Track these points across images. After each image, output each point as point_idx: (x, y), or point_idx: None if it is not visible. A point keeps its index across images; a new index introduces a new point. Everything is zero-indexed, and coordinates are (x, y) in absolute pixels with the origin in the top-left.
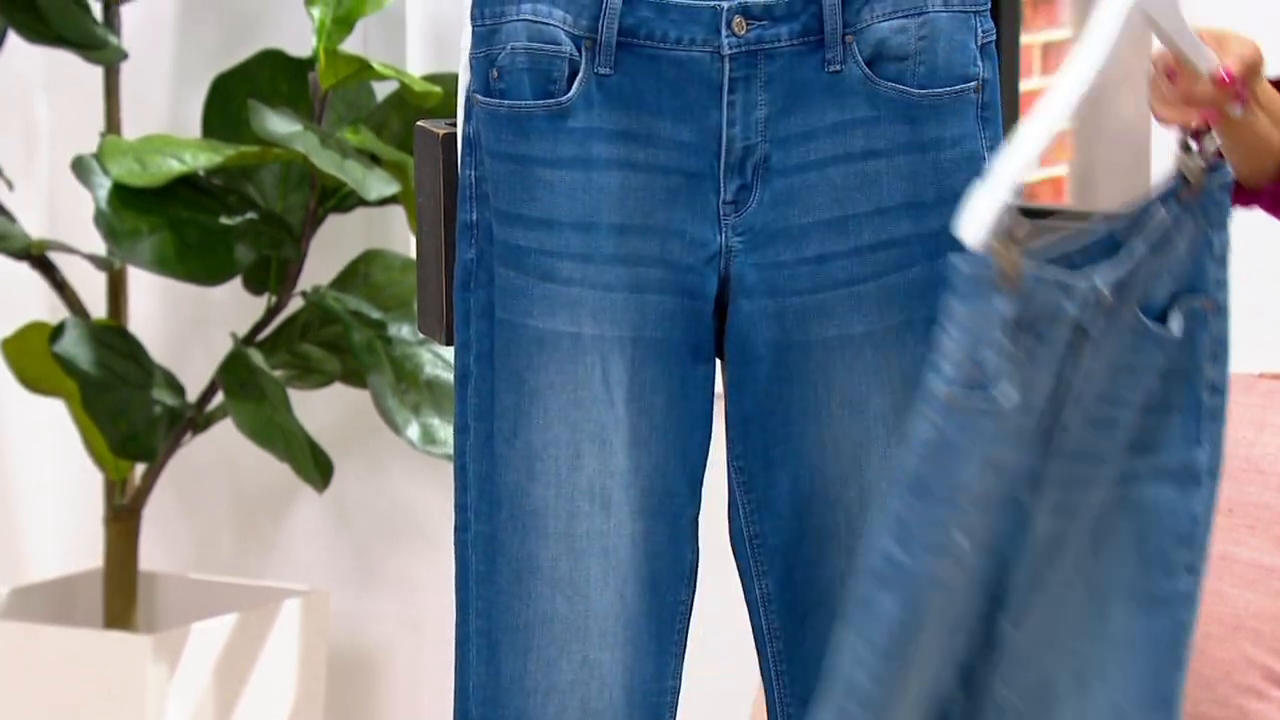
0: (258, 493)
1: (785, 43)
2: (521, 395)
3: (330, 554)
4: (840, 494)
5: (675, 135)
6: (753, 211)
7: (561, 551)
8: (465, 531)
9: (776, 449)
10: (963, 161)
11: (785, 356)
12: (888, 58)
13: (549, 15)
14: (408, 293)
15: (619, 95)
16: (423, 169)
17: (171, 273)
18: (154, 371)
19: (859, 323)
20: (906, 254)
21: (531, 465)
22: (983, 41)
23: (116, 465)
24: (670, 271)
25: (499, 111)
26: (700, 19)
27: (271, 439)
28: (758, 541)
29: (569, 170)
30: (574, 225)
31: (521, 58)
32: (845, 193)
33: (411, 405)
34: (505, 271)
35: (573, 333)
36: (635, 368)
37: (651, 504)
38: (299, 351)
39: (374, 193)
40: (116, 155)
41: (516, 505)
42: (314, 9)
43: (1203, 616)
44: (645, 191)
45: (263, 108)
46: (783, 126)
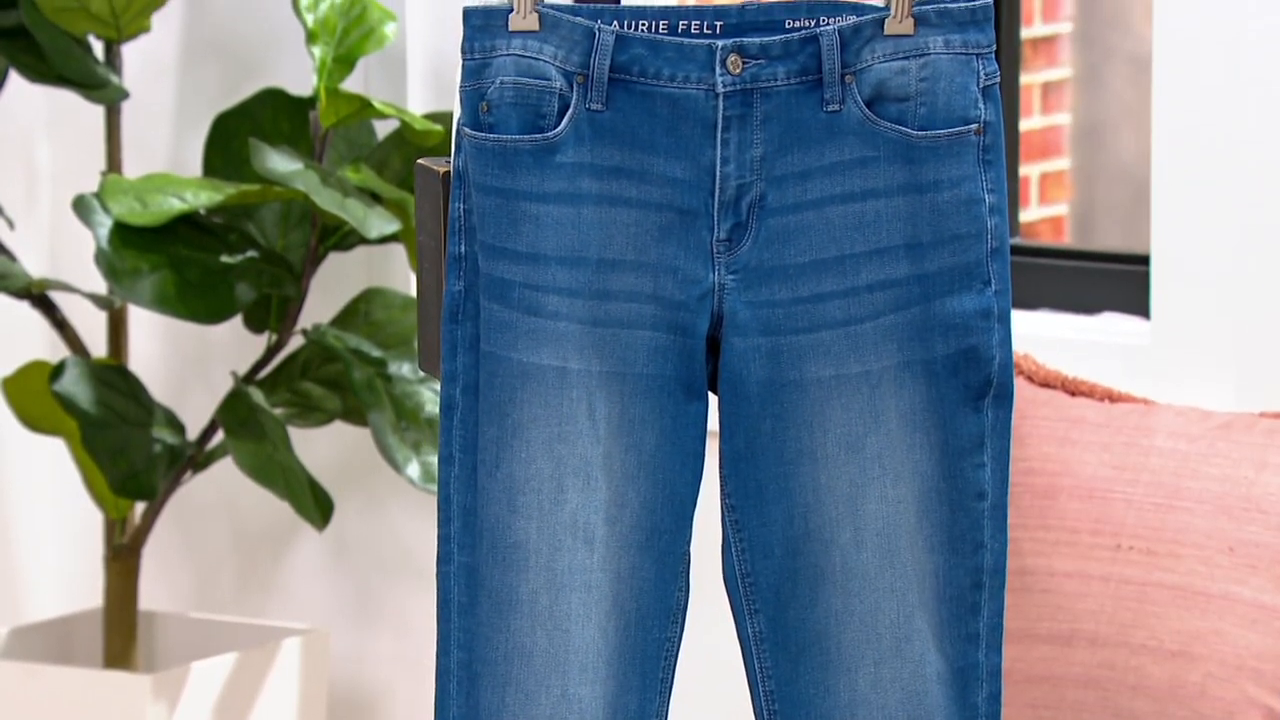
0: (258, 531)
1: (782, 82)
2: (504, 429)
3: (331, 593)
4: (835, 535)
5: (668, 172)
6: (747, 250)
7: (542, 585)
8: (447, 563)
9: (770, 488)
10: (961, 204)
11: (779, 395)
12: (888, 98)
13: (539, 51)
14: (408, 331)
15: (611, 131)
16: (423, 207)
17: (172, 311)
18: (154, 410)
19: (855, 363)
20: (904, 295)
21: (513, 498)
22: (985, 84)
23: (116, 504)
24: (661, 308)
25: (486, 145)
26: (694, 57)
27: (272, 477)
28: (750, 580)
29: (556, 205)
30: (560, 260)
31: (510, 92)
32: (843, 232)
33: (412, 443)
34: (490, 305)
35: (558, 367)
36: (624, 403)
37: (638, 539)
38: (299, 390)
39: (375, 231)
40: (117, 194)
41: (497, 538)
42: (315, 48)
43: (1204, 656)
44: (637, 228)
45: (264, 146)
46: (779, 165)
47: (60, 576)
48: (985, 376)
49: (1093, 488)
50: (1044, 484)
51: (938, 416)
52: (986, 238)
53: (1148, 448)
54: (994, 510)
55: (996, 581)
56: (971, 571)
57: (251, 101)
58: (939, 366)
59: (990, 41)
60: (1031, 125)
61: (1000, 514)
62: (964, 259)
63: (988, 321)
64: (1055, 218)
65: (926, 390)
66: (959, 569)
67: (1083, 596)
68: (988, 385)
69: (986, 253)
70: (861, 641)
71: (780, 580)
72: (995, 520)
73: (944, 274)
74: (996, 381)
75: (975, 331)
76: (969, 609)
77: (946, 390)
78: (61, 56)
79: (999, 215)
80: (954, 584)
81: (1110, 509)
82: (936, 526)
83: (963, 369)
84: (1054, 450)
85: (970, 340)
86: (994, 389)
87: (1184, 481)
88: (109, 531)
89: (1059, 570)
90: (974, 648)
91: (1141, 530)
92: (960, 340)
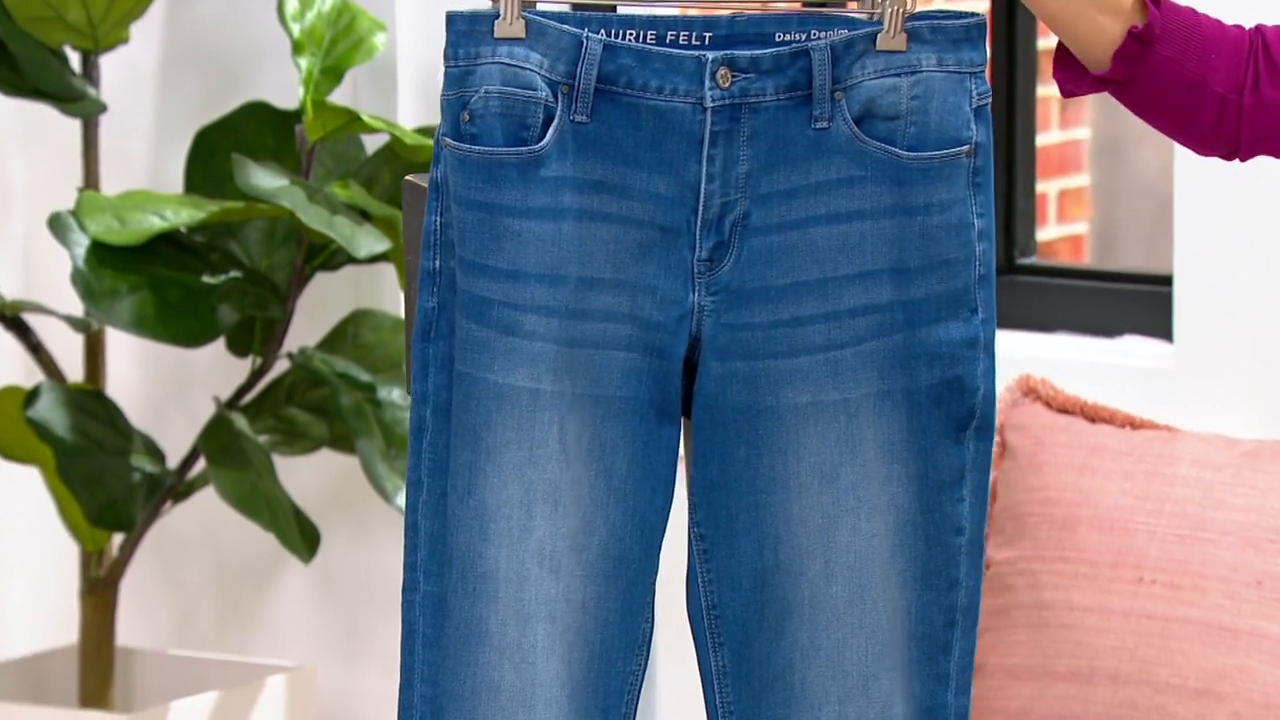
0: (241, 564)
1: (771, 97)
2: (477, 453)
3: (317, 628)
4: (805, 566)
5: (651, 187)
6: (728, 270)
7: (510, 616)
8: (413, 592)
9: (741, 518)
10: (951, 228)
11: (755, 422)
12: (877, 116)
13: (525, 59)
14: (398, 354)
15: (594, 144)
16: (412, 225)
17: (152, 334)
18: (133, 437)
19: (834, 390)
20: (888, 320)
21: (485, 526)
22: (977, 104)
23: (93, 535)
24: (638, 328)
25: (469, 157)
26: (683, 69)
27: (255, 508)
28: (715, 613)
29: (539, 221)
30: (540, 278)
31: (495, 102)
32: (827, 254)
33: (401, 472)
34: (467, 323)
35: (531, 389)
36: (596, 426)
37: (605, 568)
38: (284, 416)
39: (363, 250)
40: (95, 212)
41: (468, 567)
42: (301, 59)
43: (1230, 695)
44: (616, 245)
45: (247, 162)
46: (765, 183)
47: (34, 612)
48: (969, 408)
49: (1113, 518)
50: (1063, 514)
51: (918, 448)
52: (975, 264)
53: (1171, 476)
54: (971, 546)
55: (969, 620)
56: (945, 609)
57: (235, 115)
58: (922, 396)
59: (983, 60)
60: (1049, 140)
61: (977, 550)
62: (952, 285)
63: (974, 351)
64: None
65: (907, 421)
66: (932, 606)
67: (1103, 632)
68: (970, 417)
69: (974, 279)
70: (827, 678)
71: (747, 613)
72: (971, 557)
73: (931, 300)
74: (979, 413)
75: (961, 361)
76: (940, 648)
77: (928, 421)
78: (36, 68)
79: (987, 240)
80: (926, 621)
81: (1132, 540)
82: (911, 561)
83: (946, 399)
84: (1073, 479)
85: (956, 370)
86: (976, 421)
87: (1209, 512)
88: (85, 564)
89: (1078, 604)
90: (943, 688)
91: (1165, 563)
92: (945, 370)
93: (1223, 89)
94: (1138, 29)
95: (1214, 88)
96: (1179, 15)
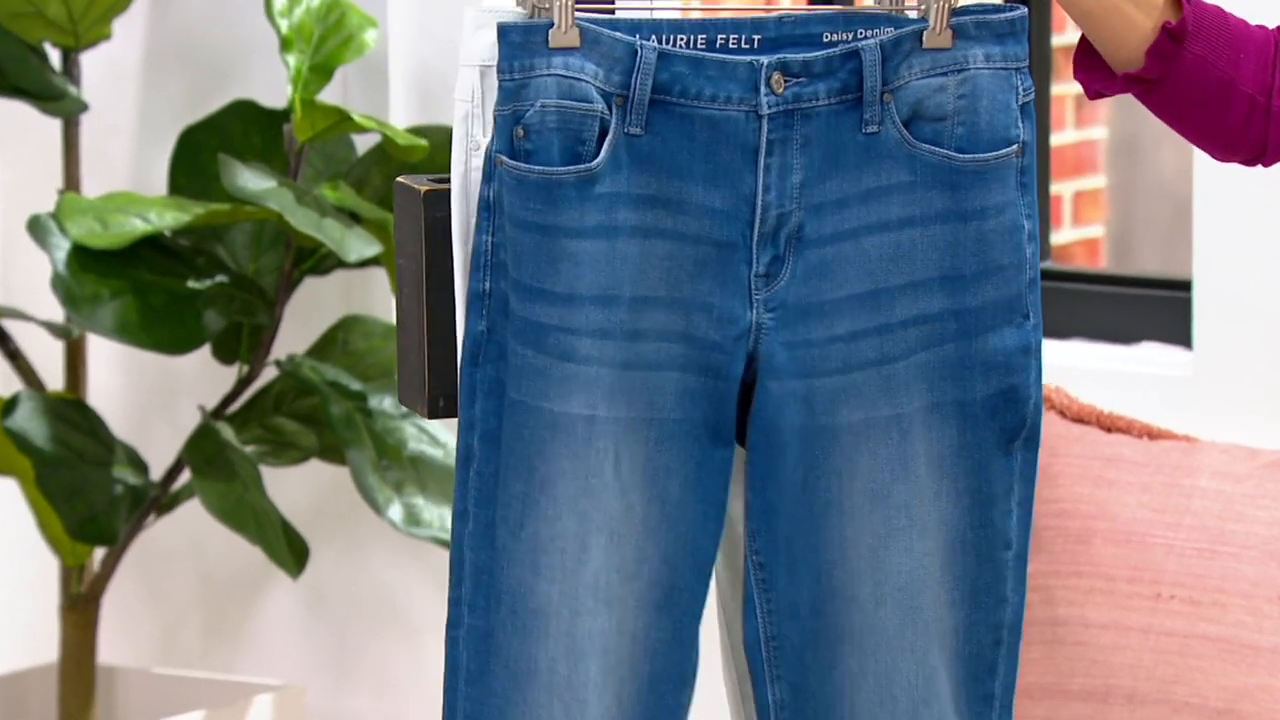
0: (227, 579)
1: (823, 101)
2: (531, 484)
3: (305, 646)
4: (855, 591)
5: (706, 201)
6: (784, 285)
7: (560, 653)
8: (457, 627)
9: (799, 544)
10: (1004, 232)
11: (811, 443)
12: (924, 118)
13: (580, 70)
14: (390, 361)
15: (649, 158)
16: (403, 228)
17: (134, 341)
18: (115, 448)
19: (886, 406)
20: (939, 331)
21: (537, 560)
22: (1023, 100)
23: (74, 550)
24: (694, 348)
25: (529, 178)
26: (737, 75)
27: (242, 521)
28: (775, 644)
29: (594, 240)
30: (595, 299)
31: (552, 116)
32: (878, 264)
33: (394, 484)
34: (523, 350)
35: (587, 416)
36: (650, 451)
37: (655, 598)
38: (272, 425)
39: (354, 254)
40: (75, 214)
41: (519, 602)
42: (289, 56)
43: (1253, 715)
44: (671, 262)
45: (234, 163)
46: (817, 193)
47: (12, 629)
48: (1021, 418)
49: (1130, 531)
50: (1078, 527)
51: (970, 462)
52: (1026, 268)
53: (1190, 488)
54: (1017, 561)
55: (1015, 638)
56: (993, 628)
57: (221, 114)
58: (977, 408)
59: (1026, 54)
60: (1064, 140)
61: (1022, 565)
62: (1006, 292)
63: (1028, 358)
64: (1090, 240)
65: (958, 434)
66: (980, 625)
67: (1120, 649)
68: (1022, 427)
69: (1025, 284)
70: (875, 705)
71: (804, 643)
72: (1018, 572)
73: (986, 309)
74: (1030, 423)
75: (1016, 370)
76: (987, 669)
77: (982, 434)
78: (15, 65)
79: (1034, 242)
80: (974, 641)
81: (1150, 555)
82: (959, 580)
83: (1001, 410)
84: (1088, 491)
85: (1011, 379)
86: (1026, 431)
87: (1229, 525)
88: (65, 580)
89: (1094, 621)
90: (988, 709)
91: (1183, 578)
92: (1001, 380)
93: (1251, 90)
94: (1172, 24)
95: (1242, 87)
96: (1209, 11)
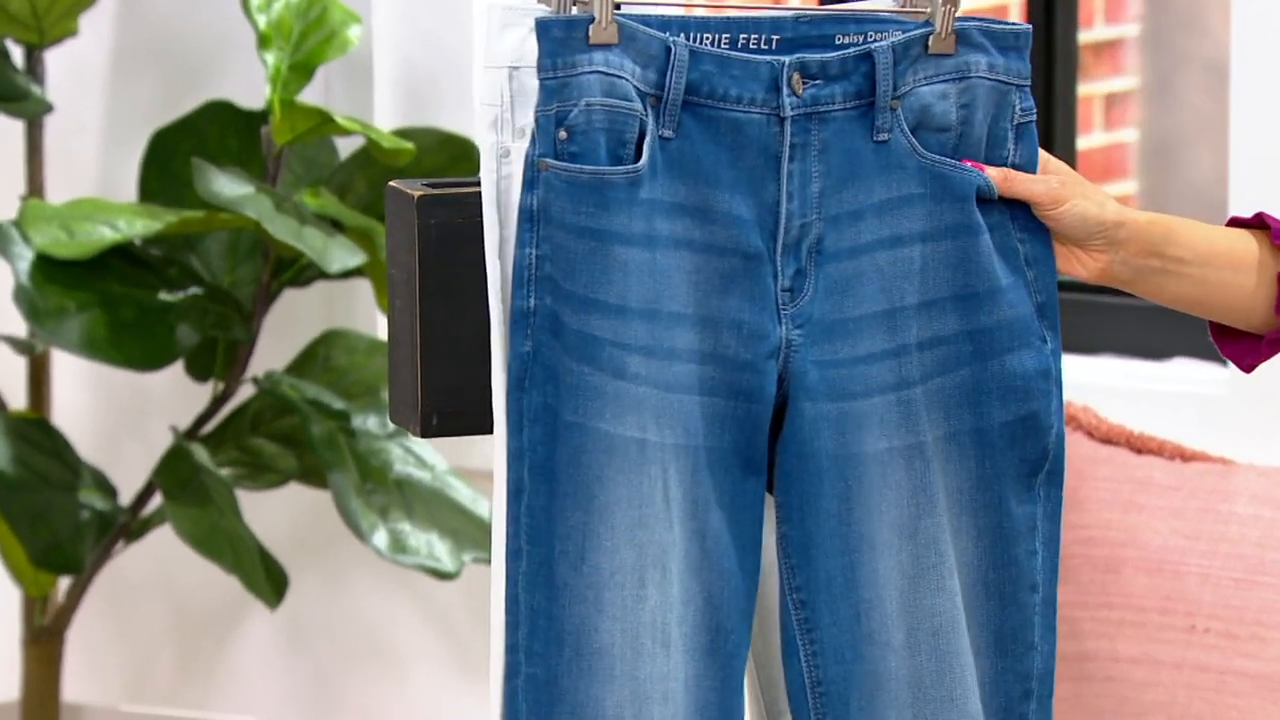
0: (201, 611)
1: (839, 105)
2: (590, 512)
3: (284, 682)
4: (890, 636)
5: (733, 209)
6: (809, 300)
7: (626, 698)
8: (515, 677)
9: (837, 580)
10: (1004, 252)
11: (843, 471)
12: (930, 127)
13: (620, 67)
14: (374, 378)
15: (678, 162)
16: (395, 236)
17: (102, 357)
18: (81, 471)
19: (908, 434)
20: (954, 354)
21: (600, 596)
22: (1020, 120)
23: (37, 579)
24: (722, 369)
25: (580, 179)
26: (759, 75)
27: (217, 548)
28: (821, 690)
29: (639, 249)
30: (641, 313)
31: (599, 116)
32: (893, 282)
33: (379, 508)
34: (579, 367)
35: (639, 439)
36: (691, 481)
37: (704, 642)
38: (249, 447)
39: (336, 264)
40: (40, 222)
41: (582, 644)
42: (267, 54)
43: None
44: (699, 275)
45: (208, 167)
46: (834, 203)
47: None
48: (1043, 448)
49: (1162, 560)
50: (1106, 556)
51: (990, 495)
52: (1030, 290)
53: (1226, 514)
54: (1044, 606)
55: (1045, 689)
56: (1021, 678)
57: (195, 115)
58: (995, 437)
59: (1028, 73)
60: (1093, 143)
61: (1051, 609)
62: (1020, 311)
63: (1048, 383)
64: None
65: (976, 466)
66: (1008, 675)
67: (1151, 686)
68: (1044, 459)
69: (1035, 306)
70: None
71: (849, 689)
72: (1045, 617)
73: (1001, 328)
74: (1052, 455)
75: (1036, 395)
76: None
77: (1001, 465)
78: None
79: (1038, 266)
80: (1002, 693)
81: (1183, 585)
82: (984, 625)
83: (1020, 439)
84: (1117, 517)
85: (1031, 405)
86: (1049, 464)
87: (1268, 553)
88: (28, 611)
89: (1124, 655)
90: None
91: (1219, 609)
92: (1020, 405)
93: None
94: None
95: None
96: None
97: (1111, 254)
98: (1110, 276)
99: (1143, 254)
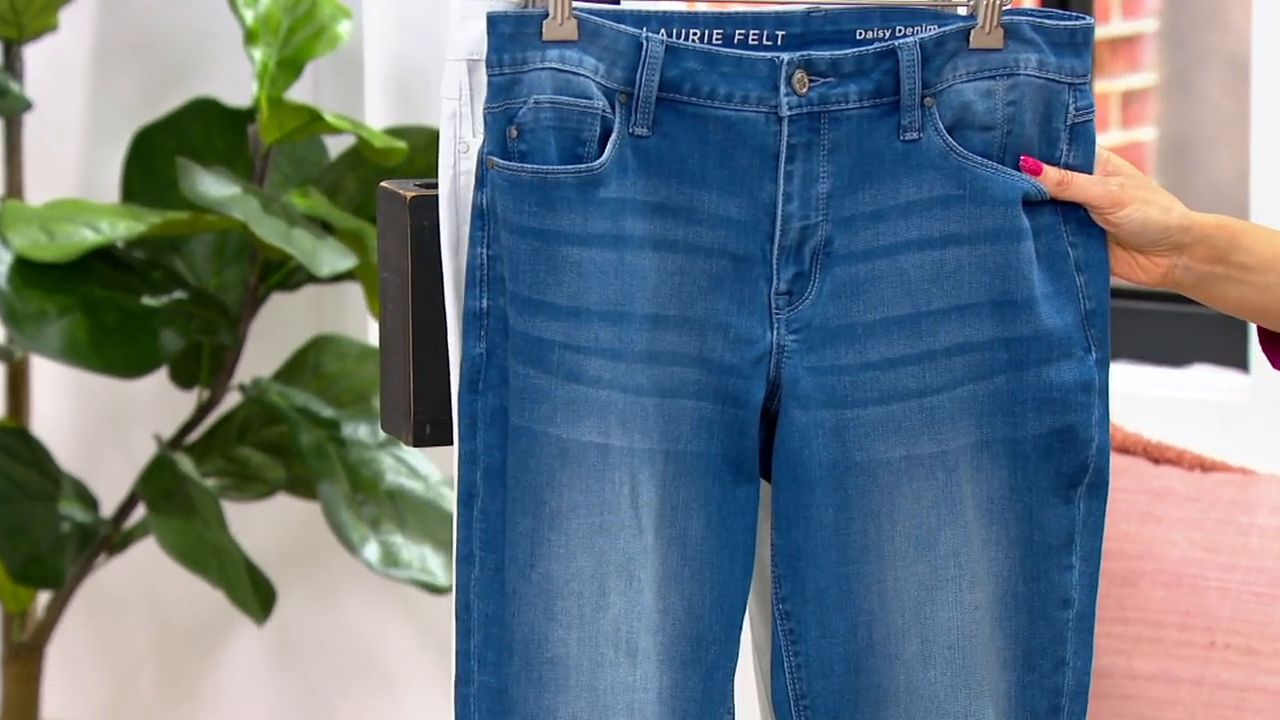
0: (185, 626)
1: (854, 104)
2: (540, 519)
3: (272, 699)
4: (899, 649)
5: (721, 210)
6: (810, 304)
7: (583, 709)
8: (467, 685)
9: (831, 592)
10: (1053, 257)
11: (844, 480)
12: (972, 126)
13: (579, 64)
14: (365, 386)
15: (657, 161)
16: (387, 238)
17: (83, 363)
18: (61, 481)
19: (930, 442)
20: (988, 361)
21: (550, 604)
22: (1075, 120)
23: (16, 594)
24: (708, 373)
25: (521, 177)
26: (755, 72)
27: (202, 561)
28: (805, 703)
29: (600, 249)
30: (604, 315)
31: (547, 113)
32: (919, 285)
33: (370, 520)
34: (524, 369)
35: (600, 444)
36: (667, 487)
37: (682, 652)
38: (235, 456)
39: (326, 267)
40: (18, 224)
41: (532, 652)
42: (255, 50)
43: None
44: (683, 277)
45: (193, 167)
46: (848, 204)
47: None
48: (1081, 462)
49: (1181, 573)
50: (1123, 569)
51: (1022, 507)
52: (1078, 297)
53: (1247, 525)
54: (1079, 621)
55: (1077, 707)
56: (1049, 693)
57: (179, 114)
58: (1028, 448)
59: (1087, 71)
60: (1109, 141)
61: (1087, 626)
62: (1063, 320)
63: (1089, 396)
64: None
65: (1009, 476)
66: (1034, 689)
67: (1170, 703)
68: (1083, 472)
69: (1081, 314)
70: None
71: (840, 704)
72: (1080, 633)
73: (1040, 338)
74: (1093, 468)
75: (1074, 408)
76: None
77: (1035, 476)
78: None
79: (1090, 272)
80: (1028, 707)
81: (1202, 599)
82: (1011, 638)
83: (1056, 452)
84: (1135, 529)
85: (1068, 418)
86: (1089, 476)
87: None
88: (6, 627)
89: (1141, 672)
90: None
91: (1240, 625)
92: (1057, 418)
93: None
94: None
95: None
96: None
97: (1174, 259)
98: (1171, 281)
99: (1207, 260)
